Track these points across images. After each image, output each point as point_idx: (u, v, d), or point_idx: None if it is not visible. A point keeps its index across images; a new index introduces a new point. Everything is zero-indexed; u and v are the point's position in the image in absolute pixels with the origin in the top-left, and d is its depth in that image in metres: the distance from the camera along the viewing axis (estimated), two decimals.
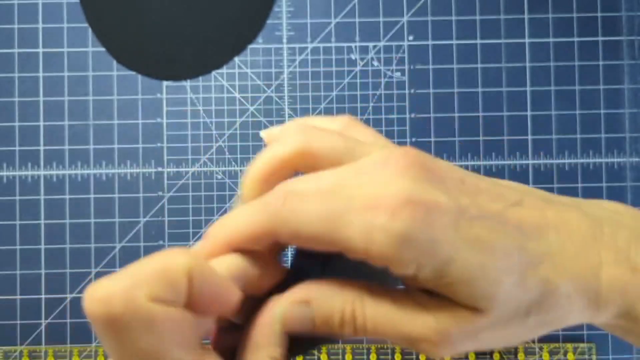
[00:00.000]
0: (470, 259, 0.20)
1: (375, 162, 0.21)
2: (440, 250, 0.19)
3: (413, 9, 0.53)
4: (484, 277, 0.20)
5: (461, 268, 0.20)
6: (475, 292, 0.20)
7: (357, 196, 0.20)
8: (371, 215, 0.20)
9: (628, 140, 0.53)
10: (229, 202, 0.53)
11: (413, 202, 0.19)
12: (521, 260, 0.20)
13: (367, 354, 0.51)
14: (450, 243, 0.19)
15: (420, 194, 0.20)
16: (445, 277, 0.20)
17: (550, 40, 0.53)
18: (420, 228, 0.19)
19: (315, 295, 0.21)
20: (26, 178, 0.52)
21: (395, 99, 0.53)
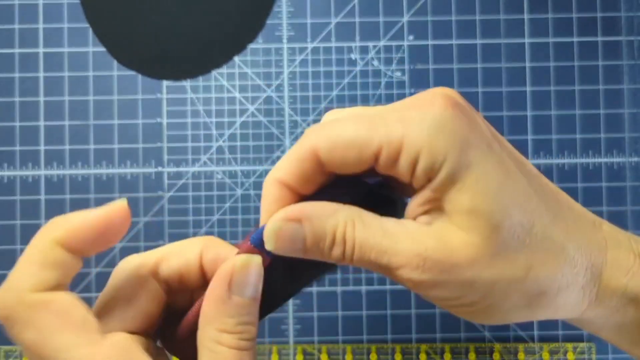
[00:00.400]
0: (492, 173, 0.19)
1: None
2: (468, 146, 0.19)
3: (413, 9, 0.53)
4: (496, 199, 0.19)
5: (480, 177, 0.19)
6: (481, 210, 0.19)
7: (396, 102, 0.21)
8: (409, 109, 0.20)
9: (627, 140, 0.53)
10: (229, 202, 0.53)
11: (453, 99, 0.20)
12: (538, 208, 0.20)
13: (367, 354, 0.51)
14: (479, 149, 0.19)
15: (460, 101, 0.21)
16: (460, 181, 0.19)
17: (550, 40, 0.53)
18: (456, 120, 0.20)
19: (309, 215, 0.21)
20: (26, 178, 0.52)
21: (395, 99, 0.53)
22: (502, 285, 0.20)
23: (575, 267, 0.20)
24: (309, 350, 0.51)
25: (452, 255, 0.20)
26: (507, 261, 0.20)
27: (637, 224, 0.52)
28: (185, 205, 0.52)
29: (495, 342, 0.51)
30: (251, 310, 0.21)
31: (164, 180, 0.53)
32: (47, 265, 0.19)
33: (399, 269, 0.20)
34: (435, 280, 0.20)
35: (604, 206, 0.52)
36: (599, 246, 0.21)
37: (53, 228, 0.20)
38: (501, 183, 0.20)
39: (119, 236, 0.21)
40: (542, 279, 0.20)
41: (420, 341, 0.51)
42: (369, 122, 0.20)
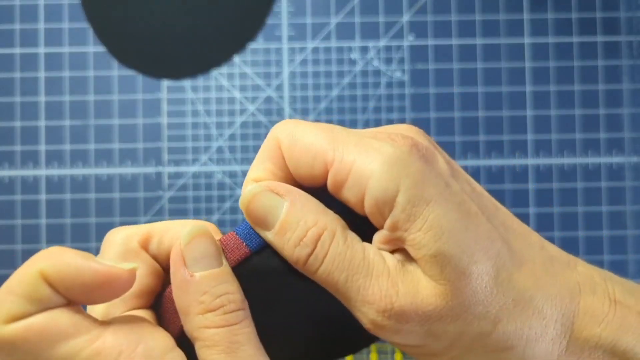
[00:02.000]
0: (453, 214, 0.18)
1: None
2: (425, 181, 0.18)
3: (413, 8, 0.53)
4: (461, 242, 0.18)
5: (442, 216, 0.18)
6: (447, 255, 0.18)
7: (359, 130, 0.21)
8: (370, 137, 0.20)
9: (627, 140, 0.53)
10: (229, 202, 0.53)
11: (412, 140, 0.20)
12: (502, 252, 0.19)
13: (367, 354, 0.51)
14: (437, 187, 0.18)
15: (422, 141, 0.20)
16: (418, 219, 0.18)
17: (550, 40, 0.53)
18: (413, 158, 0.19)
19: (294, 197, 0.20)
20: (27, 178, 0.52)
21: (395, 99, 0.53)
22: (468, 338, 0.19)
23: (544, 319, 0.19)
24: None
25: (420, 305, 0.18)
26: (475, 314, 0.18)
27: (636, 224, 0.52)
28: (185, 205, 0.52)
29: None
30: (224, 279, 0.19)
31: (164, 180, 0.53)
32: (27, 298, 0.18)
33: (364, 305, 0.19)
34: (399, 327, 0.19)
35: (603, 206, 0.52)
36: (571, 293, 0.19)
37: (44, 260, 0.18)
38: (464, 224, 0.18)
39: (115, 297, 0.19)
40: (510, 333, 0.19)
41: None
42: (331, 135, 0.20)
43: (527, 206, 0.52)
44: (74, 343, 0.18)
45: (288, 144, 0.21)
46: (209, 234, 0.20)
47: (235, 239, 0.21)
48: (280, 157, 0.21)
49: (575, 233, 0.52)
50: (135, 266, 0.19)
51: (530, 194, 0.52)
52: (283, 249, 0.20)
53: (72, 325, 0.18)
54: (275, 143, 0.21)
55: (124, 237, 0.22)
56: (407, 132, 0.21)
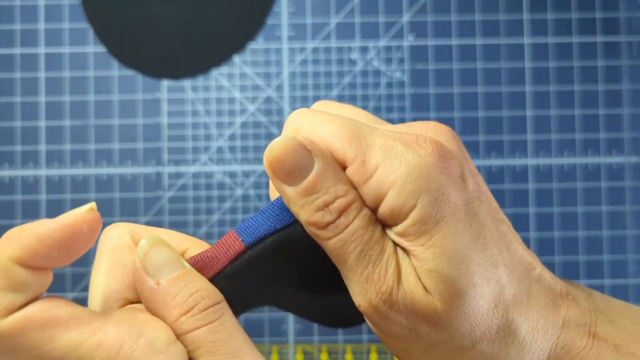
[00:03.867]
0: (462, 235, 0.18)
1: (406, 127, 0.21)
2: (443, 200, 0.18)
3: (413, 9, 0.53)
4: (461, 264, 0.18)
5: (448, 236, 0.18)
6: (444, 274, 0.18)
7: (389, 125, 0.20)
8: (396, 139, 0.19)
9: (627, 140, 0.53)
10: (229, 202, 0.53)
11: (443, 149, 0.19)
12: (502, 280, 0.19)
13: (367, 354, 0.51)
14: (454, 206, 0.18)
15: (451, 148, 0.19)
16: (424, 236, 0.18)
17: (550, 40, 0.53)
18: (437, 173, 0.18)
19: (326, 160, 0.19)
20: (27, 178, 0.52)
21: (395, 99, 0.53)
22: (446, 348, 0.19)
23: (522, 349, 0.19)
24: (309, 350, 0.51)
25: (414, 304, 0.18)
26: (460, 330, 0.19)
27: (636, 224, 0.52)
28: (185, 205, 0.53)
29: None
30: (191, 279, 0.19)
31: (164, 180, 0.53)
32: (10, 288, 0.17)
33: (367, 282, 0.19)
34: (389, 314, 0.19)
35: (602, 206, 0.52)
36: (554, 327, 0.20)
37: (6, 245, 0.18)
38: (469, 247, 0.18)
39: (89, 244, 0.19)
40: (486, 355, 0.19)
41: None
42: (354, 132, 0.19)
43: (527, 206, 0.52)
44: (75, 334, 0.17)
45: (308, 134, 0.20)
46: (162, 242, 0.20)
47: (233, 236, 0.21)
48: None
49: (575, 233, 0.52)
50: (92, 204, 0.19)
51: (530, 194, 0.52)
52: (302, 208, 0.19)
53: (72, 316, 0.18)
54: (294, 130, 0.21)
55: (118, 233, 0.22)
56: (435, 134, 0.20)
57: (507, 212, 0.52)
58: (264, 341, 0.51)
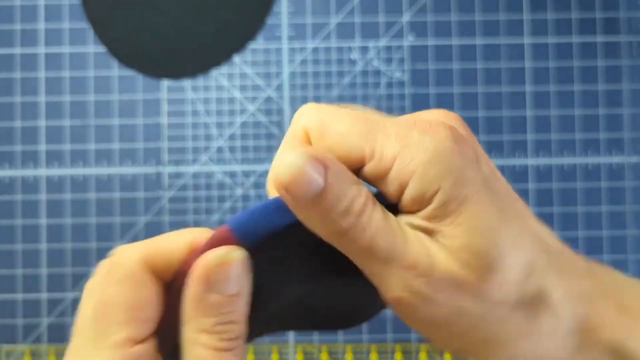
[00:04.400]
0: (488, 211, 0.19)
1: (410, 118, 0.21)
2: (464, 180, 0.19)
3: (413, 8, 0.53)
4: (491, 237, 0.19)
5: (475, 214, 0.18)
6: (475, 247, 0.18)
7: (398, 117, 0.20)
8: (410, 128, 0.19)
9: (627, 140, 0.53)
10: (229, 202, 0.53)
11: (456, 132, 0.19)
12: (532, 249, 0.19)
13: (367, 354, 0.51)
14: (476, 186, 0.19)
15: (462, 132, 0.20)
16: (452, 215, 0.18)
17: (549, 40, 0.53)
18: (456, 153, 0.19)
19: (336, 168, 0.19)
20: (27, 178, 0.52)
21: (395, 99, 0.53)
22: (486, 322, 0.19)
23: (558, 317, 0.20)
24: (309, 350, 0.51)
25: (455, 276, 0.19)
26: (497, 300, 0.19)
27: (636, 224, 0.52)
28: (185, 205, 0.52)
29: None
30: (232, 309, 0.19)
31: (164, 180, 0.53)
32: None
33: (404, 270, 0.19)
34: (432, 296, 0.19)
35: (602, 206, 0.52)
36: (583, 296, 0.20)
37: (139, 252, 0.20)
38: (497, 222, 0.19)
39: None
40: (522, 325, 0.19)
41: (420, 341, 0.51)
42: (366, 125, 0.19)
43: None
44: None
45: (318, 134, 0.20)
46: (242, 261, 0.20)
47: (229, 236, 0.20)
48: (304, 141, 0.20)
49: (575, 233, 0.52)
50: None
51: (530, 194, 0.52)
52: (322, 221, 0.19)
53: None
54: (302, 131, 0.20)
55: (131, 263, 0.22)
56: (446, 120, 0.20)
57: None
58: (264, 341, 0.51)
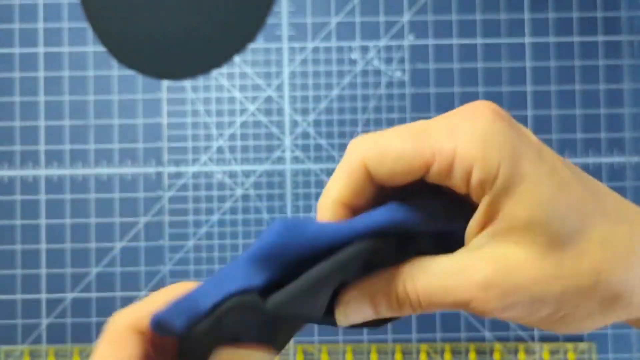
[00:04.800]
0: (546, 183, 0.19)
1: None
2: (520, 160, 0.19)
3: (413, 9, 0.53)
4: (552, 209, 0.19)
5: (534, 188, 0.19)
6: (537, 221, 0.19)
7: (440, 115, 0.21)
8: (457, 121, 0.20)
9: (628, 140, 0.53)
10: (229, 202, 0.53)
11: (499, 111, 0.20)
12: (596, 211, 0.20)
13: (367, 354, 0.51)
14: (531, 160, 0.19)
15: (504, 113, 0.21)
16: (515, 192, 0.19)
17: (550, 40, 0.53)
18: (506, 131, 0.19)
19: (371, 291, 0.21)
20: (27, 178, 0.52)
21: (395, 99, 0.53)
22: (571, 295, 0.20)
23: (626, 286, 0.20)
24: (309, 350, 0.51)
25: (512, 277, 0.19)
26: (571, 271, 0.19)
27: None
28: (185, 205, 0.52)
29: (495, 341, 0.51)
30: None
31: (164, 180, 0.53)
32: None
33: (468, 303, 0.20)
34: (504, 304, 0.20)
35: None
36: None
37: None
38: (556, 192, 0.19)
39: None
40: (614, 284, 0.20)
41: (420, 341, 0.51)
42: (417, 135, 0.20)
43: None
44: None
45: (379, 162, 0.21)
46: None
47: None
48: (363, 176, 0.21)
49: None
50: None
51: None
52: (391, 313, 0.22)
53: None
54: (360, 163, 0.21)
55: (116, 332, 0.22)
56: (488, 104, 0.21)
57: None
58: None
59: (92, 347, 0.51)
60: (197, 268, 0.52)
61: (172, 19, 0.53)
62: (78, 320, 0.52)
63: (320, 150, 0.53)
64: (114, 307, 0.52)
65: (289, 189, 0.52)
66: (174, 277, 0.52)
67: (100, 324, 0.51)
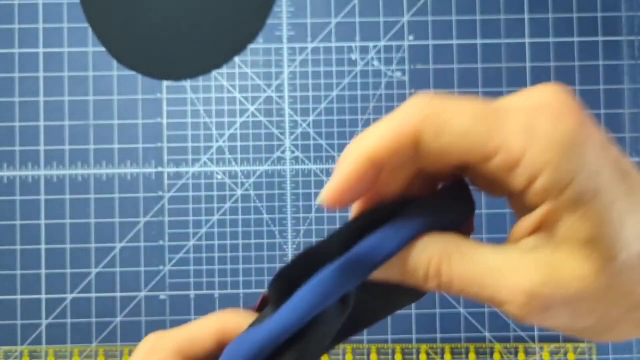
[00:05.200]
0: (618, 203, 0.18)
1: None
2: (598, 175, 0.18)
3: (413, 9, 0.53)
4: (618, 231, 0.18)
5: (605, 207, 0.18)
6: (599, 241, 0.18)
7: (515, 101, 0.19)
8: (534, 115, 0.18)
9: (628, 140, 0.53)
10: (229, 202, 0.53)
11: (583, 114, 0.18)
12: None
13: (367, 354, 0.51)
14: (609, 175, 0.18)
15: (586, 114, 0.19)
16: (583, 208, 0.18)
17: (550, 40, 0.53)
18: (589, 142, 0.18)
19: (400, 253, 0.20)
20: (26, 178, 0.52)
21: (395, 99, 0.53)
22: (615, 314, 0.19)
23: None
24: None
25: (560, 288, 0.18)
26: (621, 292, 0.19)
27: None
28: (185, 205, 0.52)
29: (495, 342, 0.51)
30: None
31: (164, 180, 0.52)
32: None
33: (503, 304, 0.19)
34: (543, 315, 0.19)
35: None
36: None
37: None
38: (626, 212, 0.18)
39: None
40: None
41: (420, 341, 0.51)
42: (488, 119, 0.18)
43: None
44: None
45: (434, 133, 0.18)
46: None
47: None
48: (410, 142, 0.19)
49: None
50: None
51: None
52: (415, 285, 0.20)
53: None
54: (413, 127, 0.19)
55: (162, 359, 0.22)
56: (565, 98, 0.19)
57: (508, 212, 0.52)
58: None
59: (91, 348, 0.51)
60: (197, 268, 0.52)
61: (172, 19, 0.53)
62: (78, 321, 0.51)
63: (320, 150, 0.53)
64: (114, 307, 0.51)
65: (289, 189, 0.52)
66: (174, 277, 0.52)
67: (100, 324, 0.51)
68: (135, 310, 0.51)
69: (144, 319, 0.51)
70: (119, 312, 0.51)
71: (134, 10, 0.53)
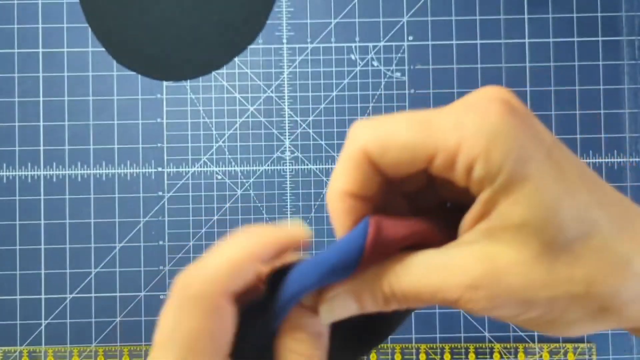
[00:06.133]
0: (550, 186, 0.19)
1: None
2: (526, 157, 0.18)
3: (413, 9, 0.53)
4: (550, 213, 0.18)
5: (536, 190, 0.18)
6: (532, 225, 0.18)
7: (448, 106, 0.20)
8: (464, 113, 0.19)
9: (628, 140, 0.53)
10: (229, 202, 0.53)
11: (510, 104, 0.19)
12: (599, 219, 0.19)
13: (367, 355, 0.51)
14: (538, 160, 0.19)
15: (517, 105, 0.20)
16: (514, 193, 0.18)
17: (550, 40, 0.53)
18: (515, 129, 0.19)
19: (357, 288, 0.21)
20: (26, 178, 0.52)
21: (395, 99, 0.53)
22: (561, 302, 0.19)
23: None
24: None
25: (501, 279, 0.19)
26: (562, 278, 0.19)
27: None
28: (185, 205, 0.52)
29: (495, 342, 0.51)
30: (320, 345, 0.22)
31: (164, 180, 0.52)
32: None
33: (456, 302, 0.19)
34: (492, 305, 0.19)
35: None
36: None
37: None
38: (558, 196, 0.19)
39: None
40: (605, 295, 0.19)
41: (420, 341, 0.51)
42: (422, 125, 0.20)
43: None
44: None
45: (381, 152, 0.20)
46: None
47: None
48: (367, 165, 0.21)
49: None
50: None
51: None
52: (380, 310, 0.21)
53: None
54: (361, 152, 0.20)
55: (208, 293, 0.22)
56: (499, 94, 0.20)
57: None
58: None
59: (91, 348, 0.51)
60: None
61: (172, 20, 0.53)
62: (77, 321, 0.51)
63: (320, 150, 0.53)
64: (114, 307, 0.51)
65: (289, 189, 0.52)
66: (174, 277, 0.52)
67: (100, 324, 0.51)
68: (135, 310, 0.51)
69: (144, 319, 0.51)
70: (119, 312, 0.51)
71: (133, 11, 0.53)
